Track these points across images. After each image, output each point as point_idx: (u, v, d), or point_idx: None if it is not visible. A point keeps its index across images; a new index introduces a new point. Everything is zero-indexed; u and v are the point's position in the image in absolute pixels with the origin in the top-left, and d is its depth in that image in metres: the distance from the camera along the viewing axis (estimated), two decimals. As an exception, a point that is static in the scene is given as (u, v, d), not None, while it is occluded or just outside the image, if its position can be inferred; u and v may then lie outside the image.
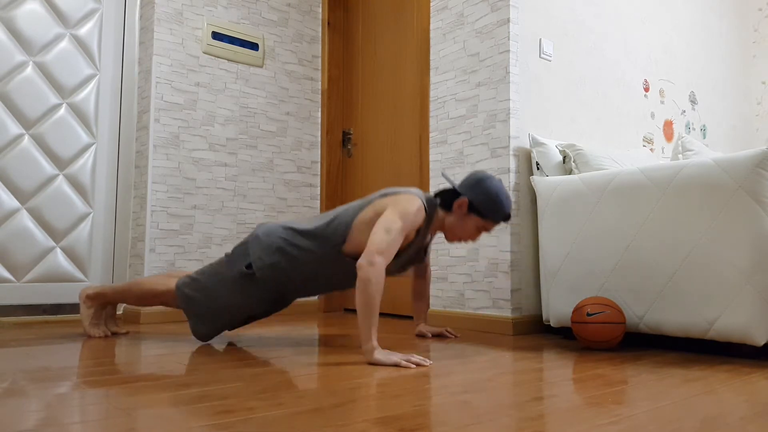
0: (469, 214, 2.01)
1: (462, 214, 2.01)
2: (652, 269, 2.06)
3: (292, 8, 3.61)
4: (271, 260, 2.01)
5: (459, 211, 2.01)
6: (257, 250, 2.03)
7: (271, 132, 3.48)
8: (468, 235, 2.04)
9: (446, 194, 2.05)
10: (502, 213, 2.00)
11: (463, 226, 2.02)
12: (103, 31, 3.14)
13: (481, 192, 1.98)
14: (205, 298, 2.08)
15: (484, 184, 1.98)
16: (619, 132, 3.14)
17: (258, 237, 2.05)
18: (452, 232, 2.04)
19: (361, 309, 1.73)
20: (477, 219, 2.01)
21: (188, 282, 2.11)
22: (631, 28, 3.27)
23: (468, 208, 2.00)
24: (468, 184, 2.01)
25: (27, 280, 2.86)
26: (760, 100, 4.33)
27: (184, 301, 2.10)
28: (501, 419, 1.11)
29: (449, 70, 2.81)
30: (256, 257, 2.02)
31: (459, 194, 2.02)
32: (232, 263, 2.07)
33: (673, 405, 1.24)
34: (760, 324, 1.81)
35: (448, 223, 2.04)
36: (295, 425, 1.05)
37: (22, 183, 2.86)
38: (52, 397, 1.26)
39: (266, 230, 2.07)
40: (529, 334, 2.49)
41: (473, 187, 1.99)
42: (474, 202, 1.98)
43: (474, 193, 1.98)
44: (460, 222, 2.02)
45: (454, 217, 2.03)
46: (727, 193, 1.88)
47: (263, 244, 2.03)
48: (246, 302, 2.06)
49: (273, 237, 2.03)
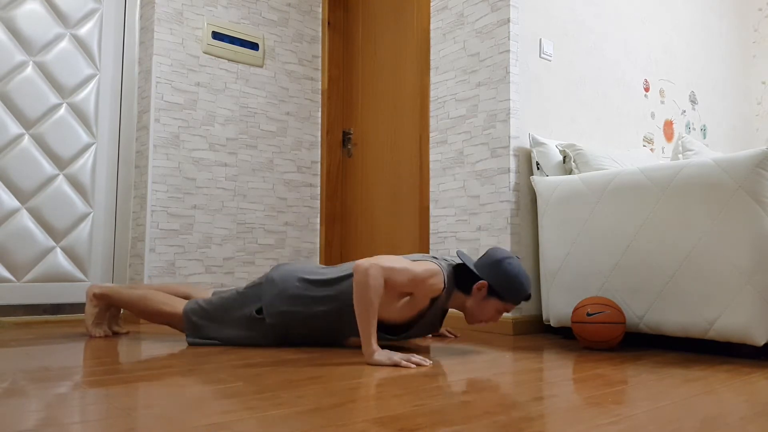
0: (489, 297, 1.94)
1: (482, 297, 1.94)
2: (652, 269, 2.06)
3: (292, 8, 3.61)
4: (283, 308, 2.00)
5: (478, 294, 1.94)
6: (270, 296, 2.01)
7: (271, 132, 3.48)
8: (489, 317, 1.97)
9: (463, 274, 1.98)
10: (523, 295, 1.94)
11: (483, 309, 1.96)
12: (103, 31, 3.14)
13: (501, 275, 1.91)
14: (210, 329, 2.09)
15: (504, 266, 1.91)
16: (619, 132, 3.14)
17: (273, 281, 2.03)
18: (473, 315, 1.98)
19: (360, 313, 1.73)
20: (497, 302, 1.94)
21: (197, 310, 2.11)
22: (631, 28, 3.27)
23: (487, 291, 1.94)
24: (486, 266, 1.94)
25: (27, 280, 2.86)
26: (760, 100, 4.33)
27: (189, 328, 2.11)
28: (501, 419, 1.11)
29: (449, 70, 2.81)
30: (268, 303, 2.01)
31: (477, 276, 1.95)
32: (244, 303, 2.06)
33: (673, 405, 1.24)
34: (760, 324, 1.81)
35: (468, 306, 1.97)
36: (295, 425, 1.05)
37: (22, 183, 2.86)
38: (52, 397, 1.26)
39: (281, 275, 2.04)
40: (529, 334, 2.49)
41: (491, 269, 1.92)
42: (494, 285, 1.91)
43: (494, 276, 1.91)
44: (480, 306, 1.95)
45: (473, 301, 1.96)
46: (727, 193, 1.88)
47: (277, 290, 2.01)
48: (250, 340, 2.07)
49: (288, 285, 2.01)
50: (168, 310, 2.15)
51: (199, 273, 3.12)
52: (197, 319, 2.09)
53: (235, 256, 3.26)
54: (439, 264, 1.91)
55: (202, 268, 3.13)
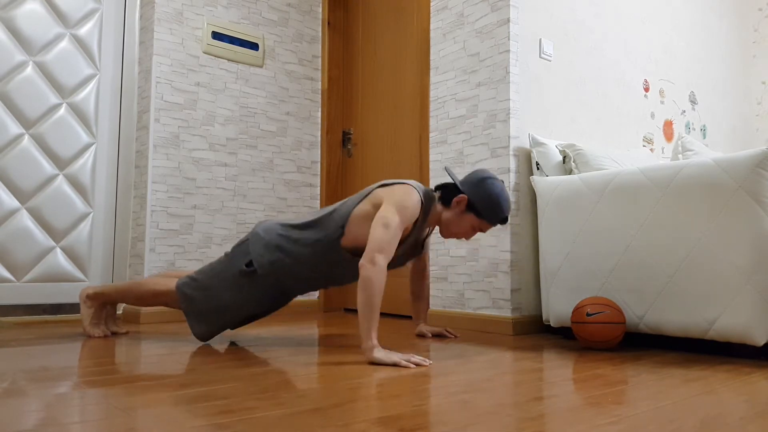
0: (467, 212, 2.01)
1: (459, 211, 2.01)
2: (652, 269, 2.06)
3: (292, 8, 3.61)
4: (272, 257, 2.01)
5: (457, 207, 2.01)
6: (258, 248, 2.03)
7: (271, 132, 3.48)
8: (463, 232, 2.04)
9: (446, 189, 2.05)
10: (500, 216, 2.00)
11: (459, 222, 2.02)
12: (103, 31, 3.14)
13: (482, 192, 1.98)
14: (205, 298, 2.08)
15: (486, 185, 1.98)
16: (619, 132, 3.14)
17: (258, 234, 2.05)
18: (447, 227, 2.04)
19: (362, 308, 1.73)
20: (473, 218, 2.01)
21: (188, 282, 2.11)
22: (631, 28, 3.27)
23: (466, 205, 2.00)
24: (469, 182, 2.01)
25: (27, 280, 2.86)
26: (760, 100, 4.33)
27: (184, 301, 2.10)
28: (501, 419, 1.11)
29: (449, 70, 2.81)
30: (257, 254, 2.02)
31: (459, 190, 2.02)
32: (232, 262, 2.07)
33: (673, 405, 1.24)
34: (760, 324, 1.81)
35: (444, 217, 2.04)
36: (295, 425, 1.05)
37: (22, 183, 2.86)
38: (52, 397, 1.26)
39: (265, 227, 2.07)
40: (529, 334, 2.49)
41: (474, 186, 1.99)
42: (473, 200, 1.98)
43: (474, 191, 1.98)
44: (457, 218, 2.02)
45: (451, 213, 2.03)
46: (727, 193, 1.88)
47: (263, 241, 2.03)
48: (247, 301, 2.06)
49: (272, 233, 2.04)
50: (162, 289, 2.16)
51: (199, 273, 3.12)
52: (191, 291, 2.09)
53: (235, 256, 3.26)
54: (414, 184, 1.97)
55: (202, 268, 3.13)
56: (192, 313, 2.10)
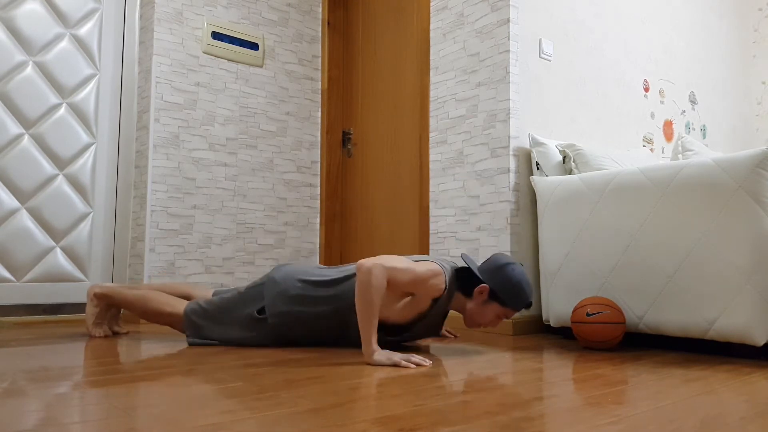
0: (490, 301, 1.94)
1: (482, 301, 1.94)
2: (652, 269, 2.06)
3: (292, 8, 3.61)
4: (285, 308, 2.00)
5: (479, 297, 1.94)
6: (272, 296, 2.01)
7: (271, 132, 3.48)
8: (488, 321, 1.97)
9: (466, 277, 1.98)
10: (525, 301, 1.93)
11: (483, 313, 1.95)
12: (103, 31, 3.14)
13: (503, 280, 1.91)
14: (211, 329, 2.09)
15: (506, 272, 1.91)
16: (619, 132, 3.14)
17: (275, 281, 2.03)
18: (472, 318, 1.98)
19: (362, 312, 1.73)
20: (497, 306, 1.94)
21: (198, 310, 2.11)
22: (631, 28, 3.27)
23: (489, 295, 1.93)
24: (489, 270, 1.94)
25: (27, 280, 2.86)
26: (760, 100, 4.33)
27: (189, 328, 2.11)
28: (501, 419, 1.11)
29: (449, 70, 2.81)
30: (270, 303, 2.01)
31: (479, 280, 1.95)
32: (245, 303, 2.06)
33: (673, 405, 1.24)
34: (760, 324, 1.81)
35: (468, 309, 1.97)
36: (295, 425, 1.05)
37: (22, 183, 2.86)
38: (52, 397, 1.26)
39: (283, 276, 2.04)
40: (529, 334, 2.49)
41: (494, 274, 1.92)
42: (495, 290, 1.91)
43: (495, 281, 1.91)
44: (480, 309, 1.95)
45: (473, 304, 1.95)
46: (727, 193, 1.88)
47: (279, 289, 2.01)
48: (251, 340, 2.07)
49: (289, 284, 2.01)
50: (169, 310, 2.15)
51: (199, 273, 3.12)
52: (198, 319, 2.10)
53: (234, 256, 3.26)
54: (441, 265, 1.91)
55: (202, 268, 3.13)
56: (194, 335, 2.11)
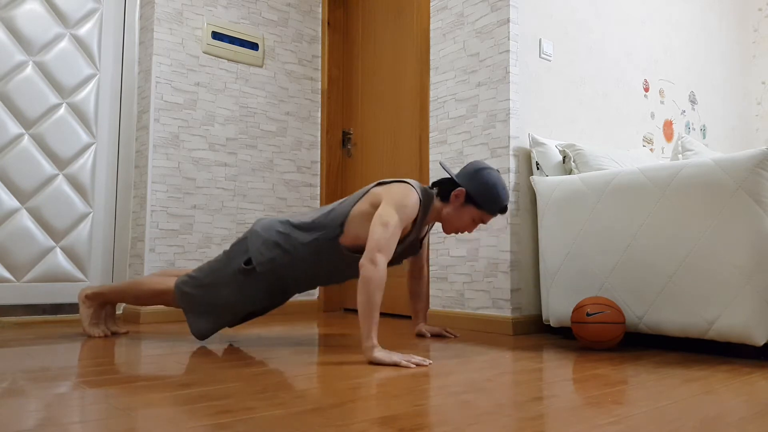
0: (466, 204, 2.00)
1: (459, 205, 2.01)
2: (652, 269, 2.06)
3: (292, 8, 3.61)
4: (271, 254, 2.01)
5: (456, 201, 2.01)
6: (256, 245, 2.03)
7: (271, 132, 3.48)
8: (464, 225, 2.04)
9: (444, 184, 2.05)
10: (499, 204, 1.99)
11: (460, 216, 2.02)
12: (103, 31, 3.14)
13: (479, 183, 1.97)
14: (204, 296, 2.08)
15: (482, 175, 1.98)
16: (619, 132, 3.14)
17: (257, 232, 2.06)
18: (449, 222, 2.04)
19: (363, 307, 1.73)
20: (473, 210, 2.00)
21: (187, 280, 2.11)
22: (631, 28, 3.27)
23: (465, 198, 2.00)
24: (466, 175, 2.01)
25: (27, 280, 2.86)
26: (759, 100, 4.33)
27: (183, 299, 2.10)
28: (501, 419, 1.11)
29: (449, 70, 2.81)
30: (255, 252, 2.02)
31: (456, 184, 2.02)
32: (231, 260, 2.07)
33: (673, 405, 1.24)
34: (760, 324, 1.81)
35: (444, 213, 2.04)
36: (295, 425, 1.05)
37: (22, 183, 2.86)
38: (52, 397, 1.26)
39: (264, 225, 2.07)
40: (529, 334, 2.49)
41: (471, 178, 1.99)
42: (471, 192, 1.98)
43: (471, 183, 1.98)
44: (457, 213, 2.02)
45: (450, 208, 2.02)
46: (727, 193, 1.88)
47: (262, 239, 2.03)
48: (245, 298, 2.06)
49: (271, 231, 2.04)
50: (160, 287, 2.16)
51: (198, 273, 3.12)
52: (189, 289, 2.10)
53: (234, 256, 3.26)
54: (412, 183, 1.97)
55: (201, 268, 3.13)
56: (191, 311, 2.10)
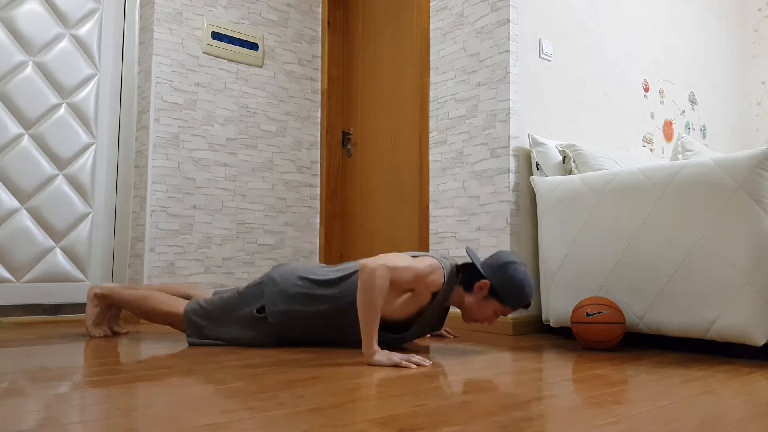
0: (489, 297, 1.93)
1: (482, 297, 1.94)
2: (652, 269, 2.06)
3: (292, 8, 3.61)
4: (285, 307, 2.00)
5: (479, 293, 1.93)
6: (271, 295, 2.01)
7: (271, 132, 3.48)
8: (485, 317, 1.97)
9: (468, 272, 1.98)
10: (523, 302, 1.93)
11: (481, 309, 1.95)
12: (103, 31, 3.14)
13: (505, 278, 1.90)
14: (212, 328, 2.09)
15: (509, 270, 1.91)
16: (619, 132, 3.14)
17: (274, 280, 2.03)
18: (469, 313, 1.97)
19: (364, 313, 1.73)
20: (496, 304, 1.93)
21: (197, 309, 2.11)
22: (631, 28, 3.27)
23: (489, 291, 1.93)
24: (492, 267, 1.94)
25: (27, 280, 2.86)
26: (759, 100, 4.33)
27: (190, 327, 2.11)
28: (501, 419, 1.11)
29: (449, 70, 2.81)
30: (270, 301, 2.01)
31: (481, 275, 1.95)
32: (245, 302, 2.06)
33: (673, 405, 1.24)
34: (760, 324, 1.81)
35: (467, 303, 1.97)
36: (295, 425, 1.05)
37: (21, 183, 2.86)
38: (52, 397, 1.26)
39: (282, 274, 2.04)
40: (529, 334, 2.49)
41: (497, 271, 1.92)
42: (496, 287, 1.91)
43: (497, 277, 1.91)
44: (479, 304, 1.94)
45: (473, 299, 1.95)
46: (727, 193, 1.88)
47: (278, 288, 2.01)
48: (251, 339, 2.07)
49: (289, 283, 2.01)
50: (169, 310, 2.15)
51: (198, 273, 3.12)
52: (198, 319, 2.10)
53: (234, 256, 3.26)
54: (439, 260, 1.92)
55: (201, 269, 3.13)
56: (195, 336, 2.11)
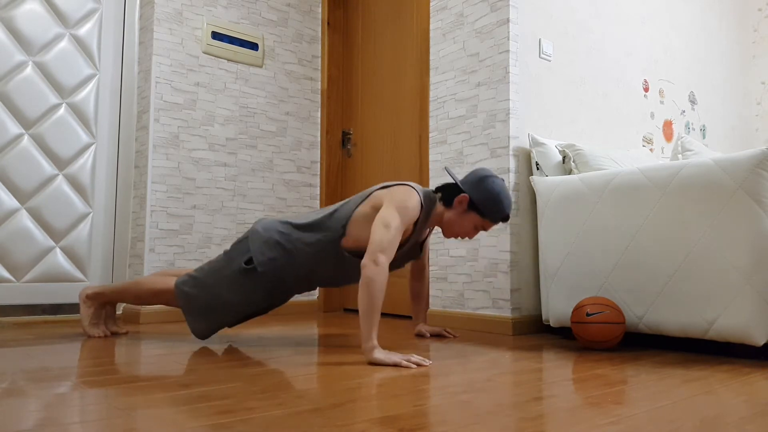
0: (469, 211, 2.01)
1: (461, 211, 2.01)
2: (652, 269, 2.06)
3: (292, 8, 3.61)
4: (271, 254, 2.01)
5: (459, 207, 2.01)
6: (257, 245, 2.02)
7: (271, 132, 3.48)
8: (465, 231, 2.04)
9: (447, 189, 2.05)
10: (502, 213, 2.00)
11: (461, 222, 2.02)
12: (103, 31, 3.14)
13: (483, 190, 1.98)
14: (204, 295, 2.07)
15: (487, 183, 1.99)
16: (618, 132, 3.14)
17: (257, 232, 2.05)
18: (450, 227, 2.05)
19: (364, 308, 1.73)
20: (476, 216, 2.01)
21: (187, 280, 2.11)
22: (631, 28, 3.27)
23: (468, 205, 2.00)
24: (470, 181, 2.02)
25: (27, 280, 2.86)
26: (759, 100, 4.33)
27: (183, 299, 2.10)
28: (501, 419, 1.11)
29: (449, 70, 2.81)
30: (256, 252, 2.02)
31: (460, 190, 2.02)
32: (232, 259, 2.07)
33: (673, 405, 1.24)
34: (760, 324, 1.81)
35: (446, 218, 2.04)
36: (295, 425, 1.05)
37: (21, 183, 2.86)
38: (52, 397, 1.26)
39: (265, 225, 2.07)
40: (529, 334, 2.49)
41: (475, 185, 1.99)
42: (475, 199, 1.98)
43: (476, 190, 1.99)
44: (459, 218, 2.02)
45: (453, 213, 2.03)
46: (727, 193, 1.88)
47: (263, 239, 2.03)
48: (246, 298, 2.06)
49: (272, 231, 2.04)
50: (161, 287, 2.16)
51: (198, 273, 3.12)
52: (189, 288, 2.09)
53: (234, 256, 3.26)
54: (414, 186, 1.98)
55: (201, 268, 3.13)
56: (190, 310, 2.10)
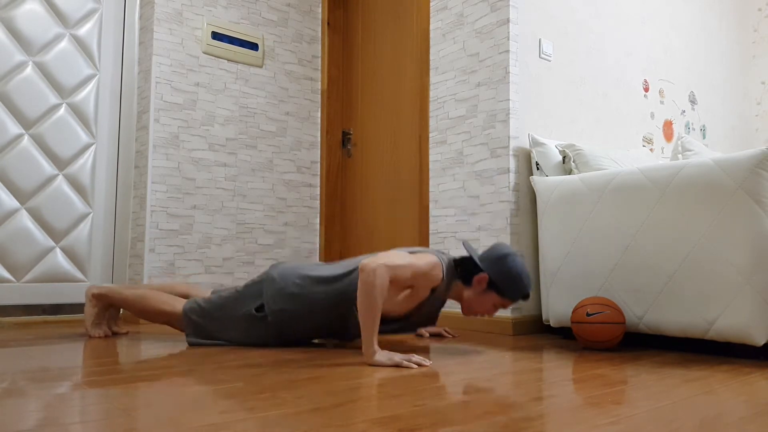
0: (488, 290, 1.95)
1: (480, 291, 1.95)
2: (651, 269, 2.06)
3: (292, 8, 3.61)
4: (284, 305, 1.99)
5: (478, 287, 1.95)
6: (271, 293, 2.00)
7: (271, 132, 3.48)
8: (485, 310, 1.98)
9: (466, 266, 1.99)
10: (522, 293, 1.94)
11: (481, 301, 1.96)
12: (103, 31, 3.14)
13: (503, 271, 1.92)
14: (210, 327, 2.09)
15: (507, 262, 1.92)
16: (618, 132, 3.14)
17: (273, 279, 2.02)
18: (469, 306, 1.99)
19: (364, 313, 1.73)
20: (495, 296, 1.95)
21: (196, 308, 2.10)
22: (631, 28, 3.27)
23: (487, 284, 1.94)
24: (489, 259, 1.95)
25: (27, 280, 2.86)
26: (759, 100, 4.33)
27: (189, 326, 2.10)
28: (501, 419, 1.11)
29: (449, 70, 2.81)
30: (269, 299, 2.00)
31: (479, 268, 1.96)
32: (243, 301, 2.06)
33: (673, 405, 1.24)
34: (760, 324, 1.81)
35: (466, 296, 1.98)
36: (295, 425, 1.05)
37: (21, 183, 2.86)
38: (52, 397, 1.26)
39: (281, 272, 2.04)
40: (529, 334, 2.49)
41: (495, 264, 1.93)
42: (494, 279, 1.92)
43: (495, 270, 1.92)
44: (478, 298, 1.96)
45: (472, 292, 1.97)
46: (726, 193, 1.88)
47: (277, 287, 2.00)
48: (250, 339, 2.07)
49: (288, 281, 2.01)
50: (167, 309, 2.15)
51: (198, 273, 3.12)
52: (197, 318, 2.09)
53: (234, 256, 3.26)
54: (438, 256, 1.94)
55: (201, 269, 3.13)
56: (193, 335, 2.11)
